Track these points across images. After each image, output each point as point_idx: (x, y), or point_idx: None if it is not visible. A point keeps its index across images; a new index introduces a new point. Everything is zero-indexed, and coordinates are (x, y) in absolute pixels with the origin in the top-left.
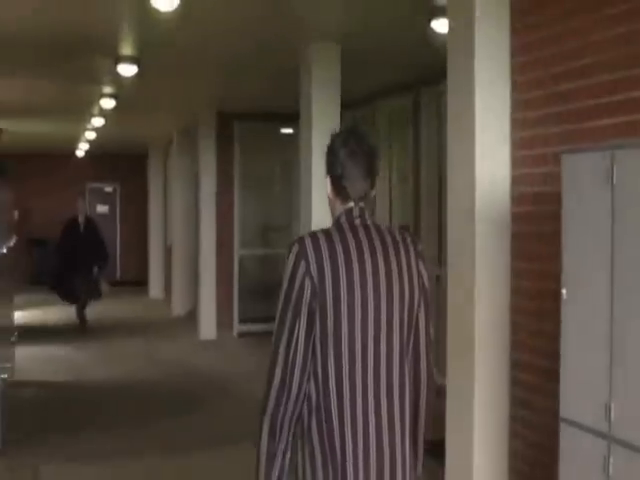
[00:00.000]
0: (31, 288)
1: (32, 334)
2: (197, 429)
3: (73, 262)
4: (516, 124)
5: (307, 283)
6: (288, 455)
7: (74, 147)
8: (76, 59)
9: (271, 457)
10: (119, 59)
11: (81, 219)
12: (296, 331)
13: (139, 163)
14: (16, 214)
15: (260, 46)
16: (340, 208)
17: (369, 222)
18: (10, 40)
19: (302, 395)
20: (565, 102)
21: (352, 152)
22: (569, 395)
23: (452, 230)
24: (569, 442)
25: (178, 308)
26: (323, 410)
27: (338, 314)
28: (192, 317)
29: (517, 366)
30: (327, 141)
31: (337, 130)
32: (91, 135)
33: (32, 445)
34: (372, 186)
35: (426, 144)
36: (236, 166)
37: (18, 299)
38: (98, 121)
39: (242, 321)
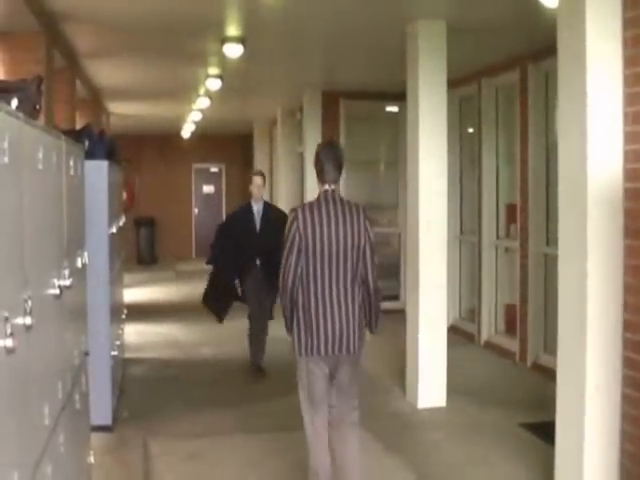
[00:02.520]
0: (137, 267)
1: (139, 312)
2: None
3: (240, 267)
4: (629, 99)
5: (297, 235)
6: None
7: (180, 128)
8: (183, 41)
9: (289, 308)
10: (225, 40)
11: (257, 209)
12: (291, 258)
13: (244, 143)
14: (124, 195)
15: (366, 25)
16: (321, 188)
17: (336, 197)
18: (119, 25)
19: (296, 286)
20: None
21: (327, 155)
22: None
23: (563, 207)
24: None
25: None
26: (305, 298)
27: (315, 249)
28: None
29: (630, 346)
30: (433, 119)
31: (320, 142)
32: (197, 116)
33: (142, 422)
34: (339, 175)
35: (534, 122)
36: (342, 144)
37: (125, 278)
38: (204, 102)
39: None
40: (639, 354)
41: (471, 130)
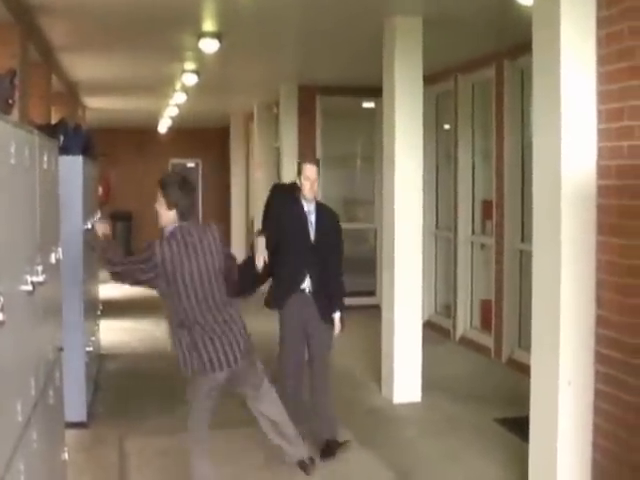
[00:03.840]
0: None
1: (116, 309)
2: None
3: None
4: (603, 96)
5: (159, 264)
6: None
7: (156, 123)
8: (159, 36)
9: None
10: (201, 35)
11: (308, 208)
12: (144, 274)
13: (221, 137)
14: (100, 190)
15: (342, 20)
16: (175, 223)
17: (190, 228)
18: (94, 18)
19: (122, 273)
20: None
21: (182, 187)
22: None
23: (537, 204)
24: None
25: None
26: (189, 326)
27: (184, 280)
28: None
29: (602, 342)
30: (409, 115)
31: (170, 173)
32: (173, 111)
33: (116, 418)
34: (192, 207)
35: (509, 118)
36: (318, 140)
37: (101, 273)
38: (180, 97)
39: None
40: (612, 350)
41: (447, 126)
